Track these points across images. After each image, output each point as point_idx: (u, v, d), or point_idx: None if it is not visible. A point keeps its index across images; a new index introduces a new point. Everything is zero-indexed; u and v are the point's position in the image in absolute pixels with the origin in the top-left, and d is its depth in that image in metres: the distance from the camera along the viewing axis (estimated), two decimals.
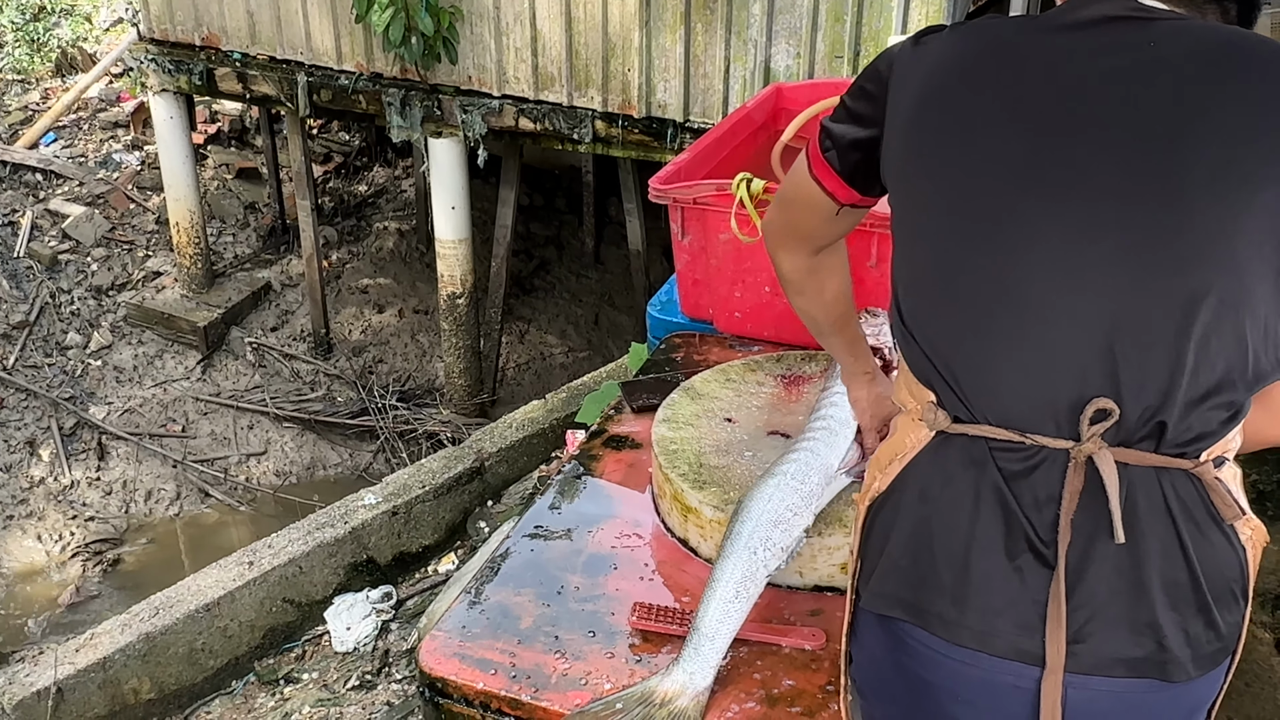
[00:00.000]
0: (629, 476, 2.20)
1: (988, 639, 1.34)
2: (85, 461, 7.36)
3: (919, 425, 1.41)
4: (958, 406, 1.37)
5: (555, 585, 1.93)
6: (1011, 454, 1.33)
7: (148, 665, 3.95)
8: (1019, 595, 1.32)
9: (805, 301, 1.78)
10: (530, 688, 1.72)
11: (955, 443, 1.37)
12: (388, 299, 8.84)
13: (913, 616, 1.38)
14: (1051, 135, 1.31)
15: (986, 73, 1.36)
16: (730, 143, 2.87)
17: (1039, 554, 1.31)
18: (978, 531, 1.34)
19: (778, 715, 1.68)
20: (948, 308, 1.38)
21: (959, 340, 1.37)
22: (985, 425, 1.35)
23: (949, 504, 1.37)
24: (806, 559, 1.88)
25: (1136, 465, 1.31)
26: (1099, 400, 1.29)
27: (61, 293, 8.11)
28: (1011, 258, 1.32)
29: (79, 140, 9.22)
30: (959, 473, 1.36)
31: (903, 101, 1.41)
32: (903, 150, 1.43)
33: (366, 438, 7.84)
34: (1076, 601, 1.31)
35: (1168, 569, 1.31)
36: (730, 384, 2.28)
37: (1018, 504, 1.32)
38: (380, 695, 3.91)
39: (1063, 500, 1.30)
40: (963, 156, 1.35)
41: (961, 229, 1.35)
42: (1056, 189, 1.30)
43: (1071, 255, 1.29)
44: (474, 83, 6.71)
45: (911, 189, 1.43)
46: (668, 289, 2.87)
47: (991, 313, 1.34)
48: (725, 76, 6.07)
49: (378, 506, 4.36)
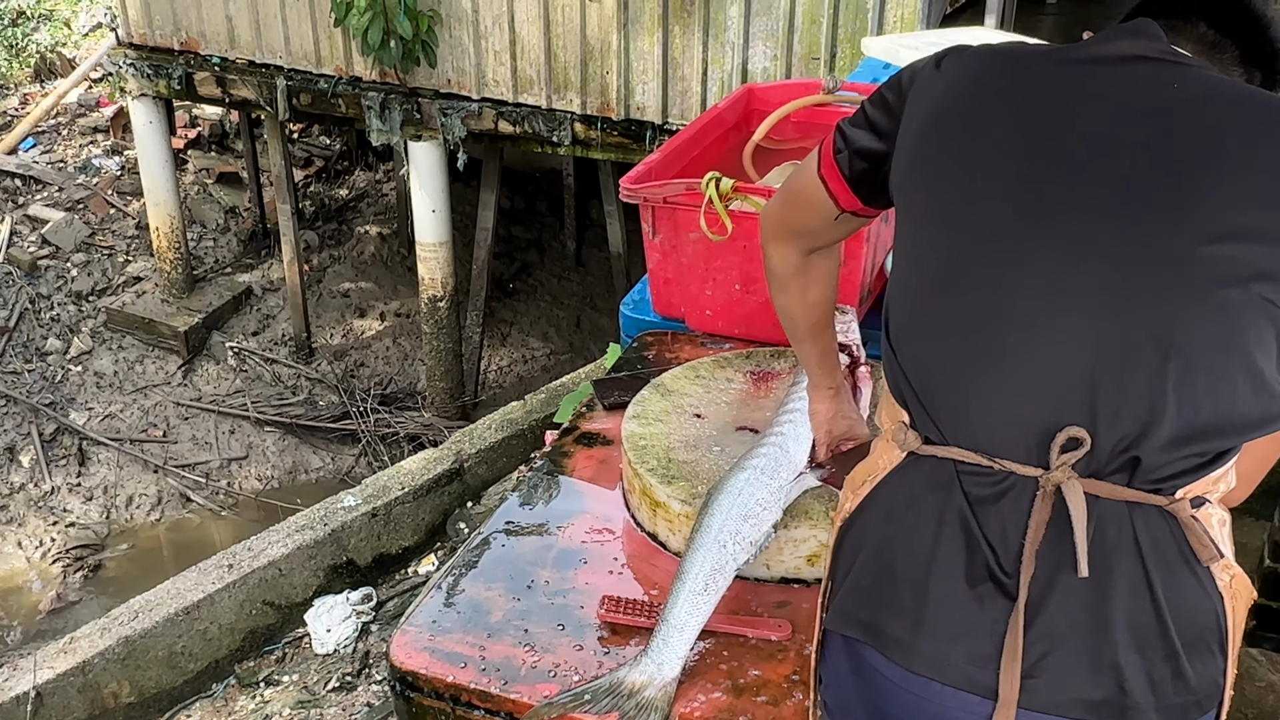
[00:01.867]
0: (600, 473, 2.22)
1: (942, 667, 1.31)
2: (66, 467, 7.35)
3: (892, 446, 1.40)
4: (929, 427, 1.36)
5: (525, 580, 1.95)
6: (979, 479, 1.31)
7: (127, 669, 3.95)
8: (977, 624, 1.29)
9: (787, 300, 1.76)
10: (500, 680, 1.74)
11: (924, 464, 1.36)
12: (369, 303, 8.85)
13: (871, 638, 1.36)
14: (1054, 161, 1.29)
15: (999, 96, 1.35)
16: (701, 142, 2.89)
17: (1000, 583, 1.28)
18: (939, 556, 1.32)
19: (744, 705, 1.70)
20: (930, 325, 1.37)
21: (937, 359, 1.36)
22: (954, 448, 1.33)
23: (912, 525, 1.35)
24: (774, 551, 1.90)
25: (1107, 498, 1.27)
26: (1071, 428, 1.26)
27: (41, 298, 8.09)
28: (998, 277, 1.31)
29: (58, 145, 9.20)
30: (925, 494, 1.35)
31: (915, 117, 1.41)
32: (907, 165, 1.42)
33: (348, 441, 7.84)
34: (1034, 635, 1.27)
35: (1134, 609, 1.27)
36: (700, 380, 2.31)
37: (981, 531, 1.30)
38: (360, 696, 3.92)
39: (1028, 530, 1.28)
40: (962, 174, 1.34)
41: (953, 246, 1.35)
42: (1051, 211, 1.28)
43: (1058, 278, 1.27)
44: (453, 86, 6.73)
45: (911, 204, 1.43)
46: (640, 288, 2.89)
47: (972, 332, 1.32)
48: (703, 78, 6.11)
49: (357, 508, 4.36)
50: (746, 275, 2.52)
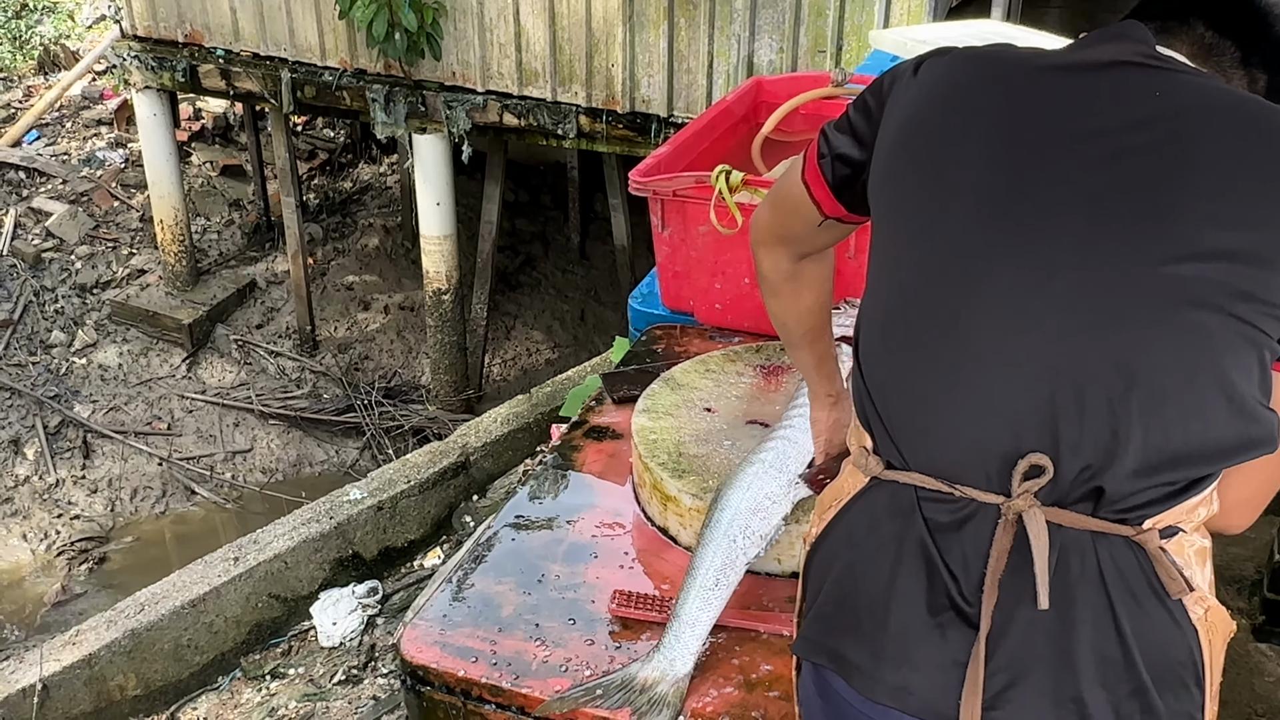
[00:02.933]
0: (609, 467, 2.22)
1: (903, 696, 1.27)
2: (70, 460, 7.35)
3: (857, 470, 1.38)
4: (891, 452, 1.33)
5: (536, 574, 1.94)
6: (940, 505, 1.27)
7: (133, 661, 3.95)
8: (938, 654, 1.26)
9: (779, 306, 1.70)
10: (511, 674, 1.74)
11: (885, 489, 1.33)
12: (373, 295, 8.84)
13: (835, 665, 1.34)
14: (1023, 177, 1.24)
15: (974, 105, 1.30)
16: (710, 135, 2.88)
17: (961, 613, 1.25)
18: (899, 583, 1.28)
19: (755, 700, 1.69)
20: (894, 345, 1.33)
21: (899, 382, 1.32)
22: (915, 473, 1.29)
23: (873, 552, 1.32)
24: (785, 546, 1.90)
25: (1071, 527, 1.23)
26: (1034, 455, 1.22)
27: (45, 291, 8.09)
28: (962, 295, 1.26)
29: (62, 138, 9.19)
30: (885, 520, 1.31)
31: (889, 126, 1.37)
32: (879, 177, 1.38)
33: (352, 434, 7.84)
34: (996, 665, 1.24)
35: (1099, 641, 1.23)
36: (710, 374, 2.30)
37: (942, 559, 1.26)
38: (366, 690, 3.92)
39: (990, 558, 1.24)
40: (930, 189, 1.30)
41: (918, 264, 1.31)
42: (1017, 230, 1.23)
43: (1021, 296, 1.23)
44: (458, 78, 6.72)
45: (882, 217, 1.38)
46: (649, 281, 2.88)
47: (935, 353, 1.28)
48: (709, 71, 6.09)
49: (363, 501, 4.37)
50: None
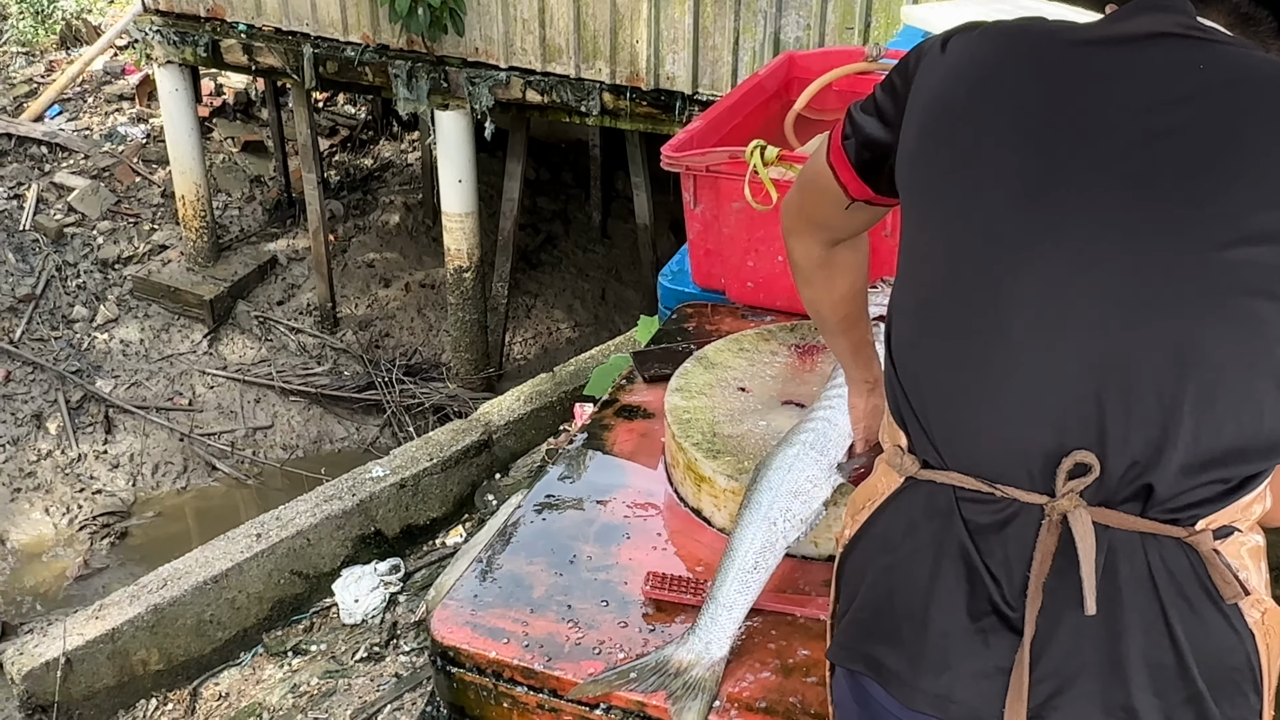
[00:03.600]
0: (641, 446, 2.19)
1: (944, 704, 1.22)
2: (92, 435, 7.37)
3: (889, 470, 1.33)
4: (928, 450, 1.28)
5: (567, 555, 1.91)
6: (980, 505, 1.22)
7: (156, 636, 3.95)
8: (980, 661, 1.21)
9: (812, 293, 1.64)
10: (543, 657, 1.71)
11: (922, 490, 1.27)
12: (394, 273, 8.83)
13: (872, 672, 1.29)
14: (1061, 159, 1.18)
15: (1005, 84, 1.23)
16: (742, 111, 2.83)
17: (1005, 618, 1.20)
18: (938, 588, 1.23)
19: (792, 685, 1.66)
20: (928, 337, 1.28)
21: (935, 377, 1.27)
22: (953, 473, 1.24)
23: (910, 555, 1.27)
24: (822, 529, 1.86)
25: (1119, 529, 1.17)
26: (1079, 453, 1.16)
27: (68, 266, 8.10)
28: (999, 285, 1.20)
29: (84, 113, 9.19)
30: (922, 522, 1.26)
31: (916, 108, 1.30)
32: (907, 161, 1.32)
33: (373, 412, 7.84)
34: (1041, 672, 1.19)
35: (1150, 648, 1.17)
36: (744, 353, 2.26)
37: (983, 562, 1.21)
38: (388, 667, 3.91)
39: (1033, 561, 1.18)
40: (962, 174, 1.23)
41: (951, 253, 1.24)
42: (1056, 216, 1.17)
43: (1063, 286, 1.17)
44: (481, 54, 6.67)
45: (911, 204, 1.32)
46: (679, 259, 2.84)
47: (970, 346, 1.22)
48: (734, 48, 6.03)
49: (386, 479, 4.35)
50: None
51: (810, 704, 1.62)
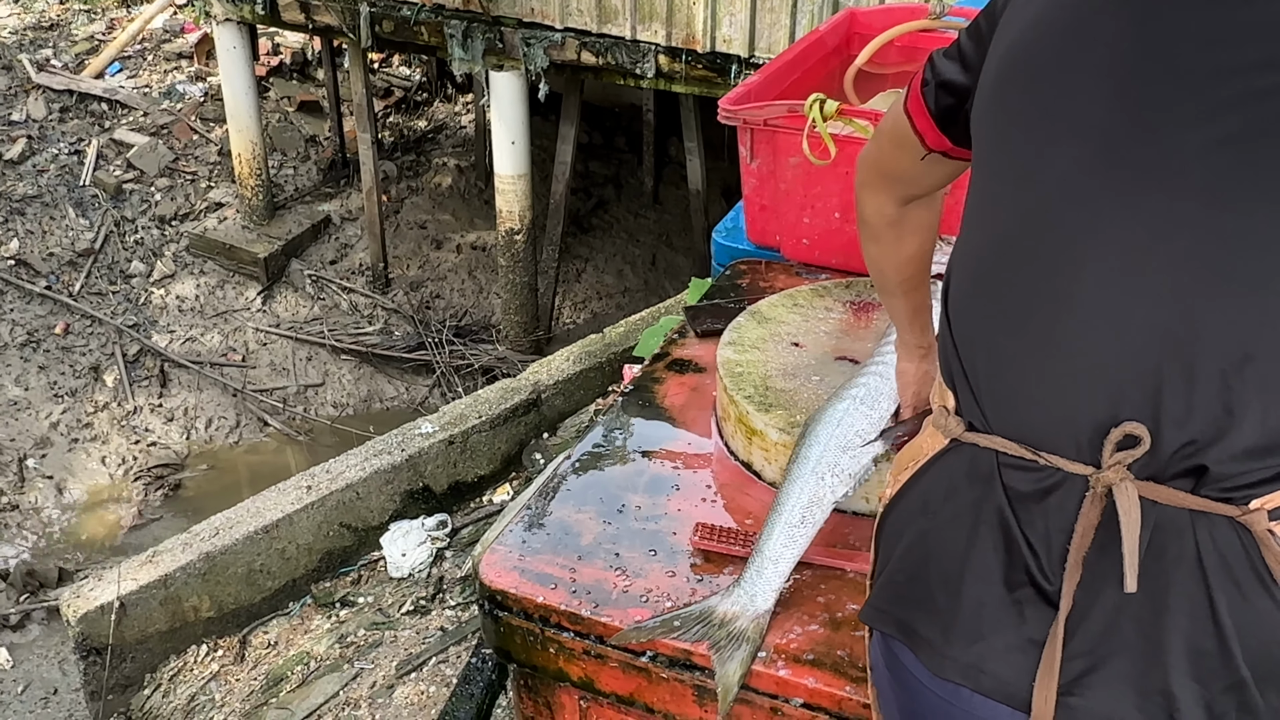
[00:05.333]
0: (692, 400, 2.17)
1: (974, 674, 1.20)
2: (148, 388, 7.48)
3: (935, 431, 1.30)
4: (974, 413, 1.24)
5: (616, 504, 1.91)
6: (1022, 472, 1.18)
7: (207, 584, 4.01)
8: (1014, 632, 1.18)
9: (878, 251, 1.58)
10: (590, 603, 1.70)
11: (965, 453, 1.24)
12: (446, 234, 8.86)
13: (904, 637, 1.27)
14: (1146, 114, 1.10)
15: (1094, 31, 1.14)
16: (801, 66, 2.79)
17: (1041, 590, 1.16)
18: (975, 556, 1.20)
19: (841, 638, 1.64)
20: (987, 297, 1.23)
21: (990, 335, 1.22)
22: (998, 437, 1.20)
23: (948, 521, 1.24)
24: (874, 485, 1.83)
25: (1167, 505, 1.12)
26: (1129, 424, 1.11)
27: (126, 221, 8.21)
28: (1066, 245, 1.15)
29: (144, 71, 9.28)
30: (963, 486, 1.23)
31: (999, 48, 1.23)
32: (983, 109, 1.25)
33: (423, 372, 7.89)
34: (1075, 649, 1.15)
35: (1193, 632, 1.12)
36: (798, 309, 2.24)
37: (1022, 532, 1.17)
38: (434, 621, 3.95)
39: (1074, 534, 1.14)
40: (1039, 126, 1.17)
41: (1020, 210, 1.19)
42: (1135, 176, 1.10)
43: (1134, 252, 1.11)
44: (536, 15, 6.64)
45: (983, 154, 1.26)
46: (734, 215, 2.81)
47: (1031, 308, 1.18)
48: (793, 11, 5.95)
49: (434, 435, 4.38)
50: (847, 203, 2.43)
51: (858, 658, 1.61)
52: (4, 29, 9.37)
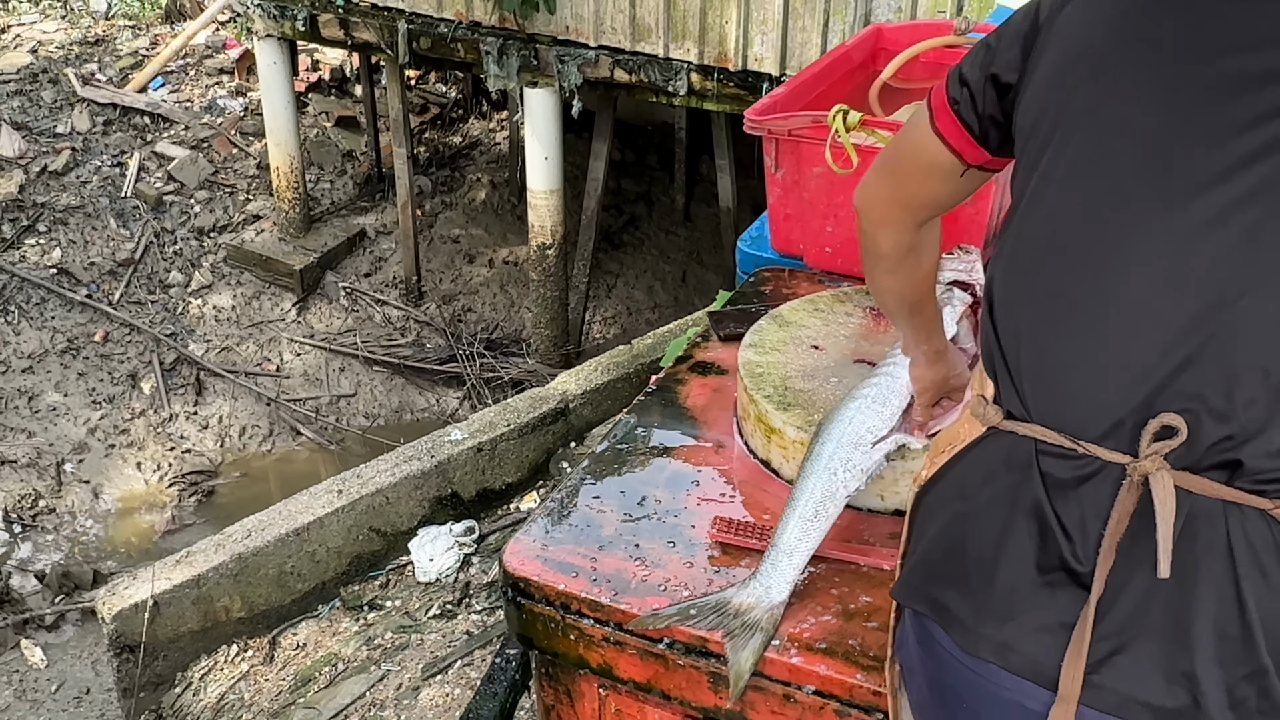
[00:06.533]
0: (714, 401, 2.22)
1: (1005, 653, 1.24)
2: (184, 396, 7.60)
3: (973, 418, 1.33)
4: (1014, 402, 1.28)
5: (637, 498, 1.96)
6: (1059, 460, 1.22)
7: (239, 585, 4.08)
8: (1045, 613, 1.22)
9: (896, 280, 1.59)
10: (610, 591, 1.75)
11: (1003, 440, 1.28)
12: (479, 249, 8.95)
13: (936, 615, 1.31)
14: (1199, 118, 1.14)
15: (1148, 33, 1.18)
16: (827, 79, 2.84)
17: (1073, 573, 1.20)
18: (1009, 541, 1.24)
19: (853, 629, 1.69)
20: (1032, 292, 1.27)
21: (1034, 329, 1.26)
22: (1036, 426, 1.24)
23: (985, 505, 1.28)
24: (889, 482, 1.88)
25: (1202, 494, 1.16)
26: (1166, 416, 1.15)
27: (165, 232, 8.35)
28: (1113, 245, 1.18)
29: (185, 85, 9.45)
30: (1000, 473, 1.27)
31: (1050, 51, 1.26)
32: (1035, 107, 1.28)
33: (453, 384, 7.97)
34: (1104, 630, 1.19)
35: (1220, 618, 1.16)
36: (819, 313, 2.28)
37: (1057, 517, 1.21)
38: (460, 625, 4.00)
39: (1110, 520, 1.18)
40: (1090, 128, 1.21)
41: (1067, 210, 1.22)
42: (1185, 177, 1.14)
43: (1180, 252, 1.15)
44: (571, 33, 6.73)
45: (1031, 155, 1.29)
46: (759, 225, 2.87)
47: (1076, 303, 1.22)
48: (824, 30, 6.01)
49: (464, 442, 4.43)
50: None
51: (869, 647, 1.65)
52: (51, 44, 9.58)
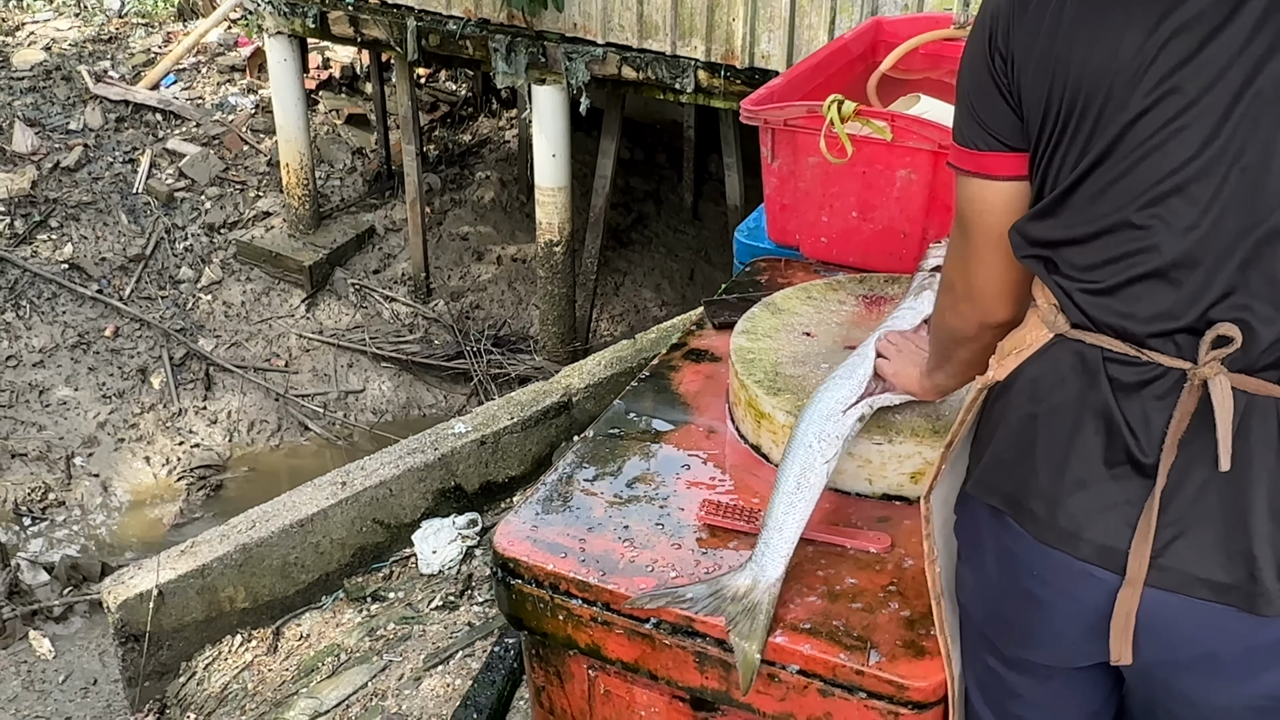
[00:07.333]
0: (706, 387, 2.23)
1: (1074, 542, 1.34)
2: (193, 391, 7.64)
3: (1039, 323, 1.42)
4: (1075, 312, 1.36)
5: (627, 481, 1.97)
6: (1125, 367, 1.32)
7: (243, 575, 4.10)
8: (1112, 504, 1.32)
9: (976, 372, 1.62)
10: (598, 571, 1.77)
11: (1071, 347, 1.37)
12: (487, 246, 8.97)
13: (1009, 508, 1.41)
14: (1201, 36, 1.21)
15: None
16: (825, 71, 2.85)
17: (1139, 466, 1.31)
18: (1079, 438, 1.34)
19: (838, 609, 1.70)
20: (1082, 215, 1.33)
21: (1090, 248, 1.34)
22: (1103, 335, 1.33)
23: (1055, 407, 1.37)
24: (877, 467, 1.89)
25: (1256, 394, 1.27)
26: (1222, 326, 1.25)
27: (176, 228, 8.40)
28: (1159, 163, 1.25)
29: (197, 83, 9.50)
30: (1070, 377, 1.36)
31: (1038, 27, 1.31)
32: (1048, 57, 1.31)
33: (461, 380, 7.99)
34: (1169, 518, 1.29)
35: (1274, 503, 1.27)
36: (811, 301, 2.30)
37: (1124, 416, 1.31)
38: (462, 616, 4.01)
39: (1172, 420, 1.28)
40: (1121, 52, 1.25)
41: (1110, 132, 1.28)
42: (1216, 104, 1.21)
43: (1223, 169, 1.23)
44: (579, 30, 6.75)
45: (1055, 93, 1.32)
46: (756, 216, 2.88)
47: (1128, 221, 1.29)
48: (831, 27, 6.02)
49: (467, 435, 4.45)
50: (864, 202, 2.49)
51: (853, 628, 1.66)
52: (65, 41, 9.64)
